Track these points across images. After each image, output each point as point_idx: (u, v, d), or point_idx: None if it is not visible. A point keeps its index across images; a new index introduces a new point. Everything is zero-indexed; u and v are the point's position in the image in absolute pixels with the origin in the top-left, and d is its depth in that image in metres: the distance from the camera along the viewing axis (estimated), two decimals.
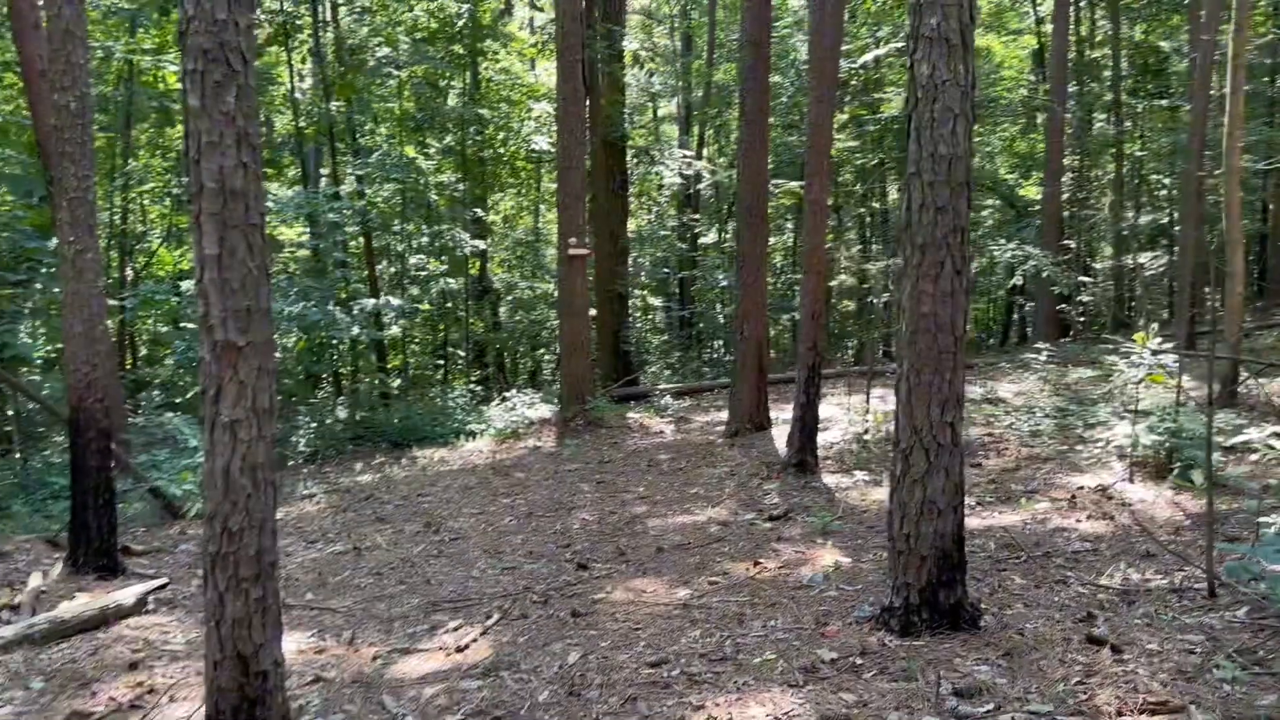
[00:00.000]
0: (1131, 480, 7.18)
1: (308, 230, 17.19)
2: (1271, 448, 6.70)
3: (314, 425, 13.56)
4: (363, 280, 17.45)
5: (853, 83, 23.73)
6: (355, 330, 12.42)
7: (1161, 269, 23.08)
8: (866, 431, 9.14)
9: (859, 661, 4.17)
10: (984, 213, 24.12)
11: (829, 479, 8.21)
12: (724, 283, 21.99)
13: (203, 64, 3.40)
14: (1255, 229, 20.83)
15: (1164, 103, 19.86)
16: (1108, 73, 23.45)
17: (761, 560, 5.97)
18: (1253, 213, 22.10)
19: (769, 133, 10.24)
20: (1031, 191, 24.42)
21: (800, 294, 8.19)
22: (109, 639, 5.46)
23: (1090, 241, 21.09)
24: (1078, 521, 6.32)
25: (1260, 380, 10.21)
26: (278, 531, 3.80)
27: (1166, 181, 20.96)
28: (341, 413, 14.23)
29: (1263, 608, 4.30)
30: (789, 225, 23.12)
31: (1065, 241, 18.33)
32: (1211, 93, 12.53)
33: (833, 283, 19.11)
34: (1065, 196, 19.00)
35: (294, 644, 5.22)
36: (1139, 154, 20.42)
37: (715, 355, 22.42)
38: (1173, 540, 5.72)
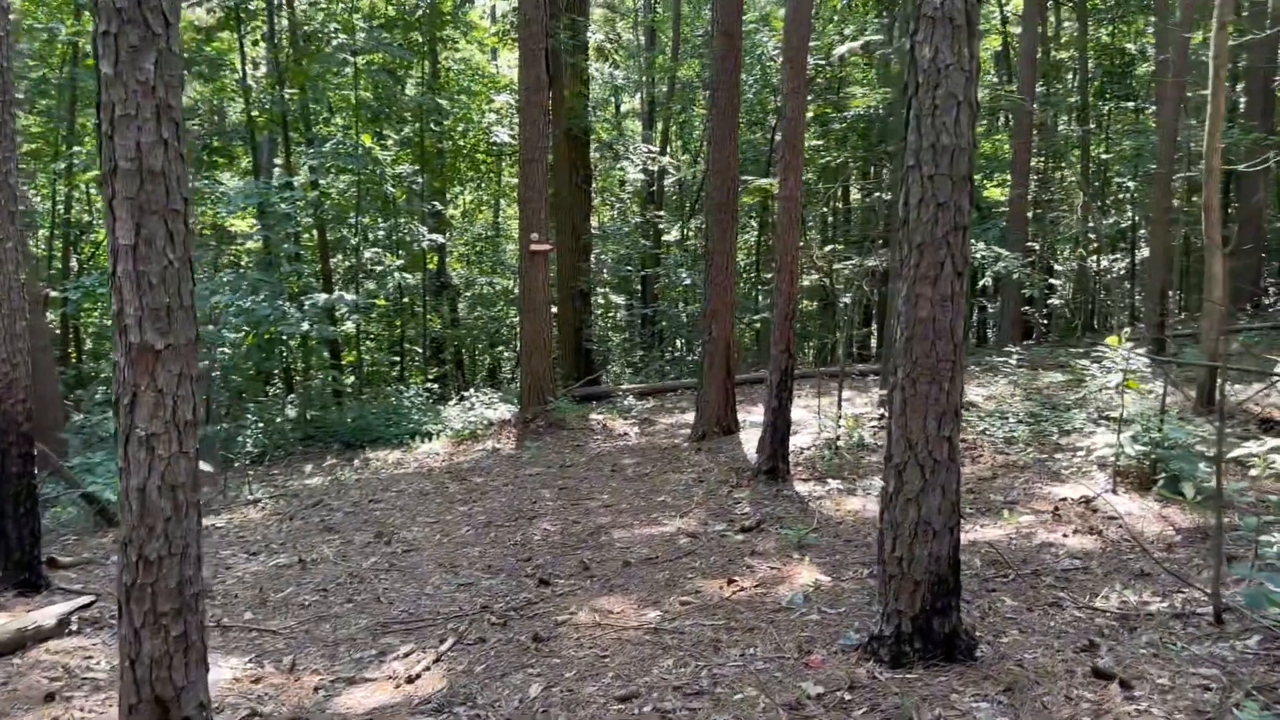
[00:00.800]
0: (1115, 491, 6.93)
1: (259, 222, 16.60)
2: (1272, 464, 6.47)
3: (261, 425, 13.00)
4: (316, 274, 16.88)
5: (818, 80, 23.53)
6: (305, 326, 11.88)
7: (1123, 272, 23.16)
8: (839, 437, 8.83)
9: (848, 697, 3.83)
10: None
11: (801, 487, 7.88)
12: (687, 280, 21.68)
13: (116, 25, 2.96)
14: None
15: (1130, 105, 19.86)
16: (1070, 75, 23.51)
17: (736, 577, 5.61)
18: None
19: (738, 126, 9.89)
20: (995, 193, 24.40)
21: (773, 294, 7.85)
22: (25, 665, 4.97)
23: (1054, 243, 21.04)
24: (1064, 536, 6.04)
25: (1236, 387, 10.07)
26: (215, 545, 3.37)
27: (1131, 185, 20.97)
28: (291, 411, 13.67)
29: (1276, 637, 4.03)
30: (754, 223, 22.85)
31: (1030, 244, 18.24)
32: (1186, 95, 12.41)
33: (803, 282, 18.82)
34: (1030, 198, 18.89)
35: (229, 670, 4.78)
36: (1104, 156, 20.40)
37: (678, 354, 22.10)
38: (1166, 558, 5.45)
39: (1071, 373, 11.97)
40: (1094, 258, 19.80)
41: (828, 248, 9.88)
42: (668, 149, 24.32)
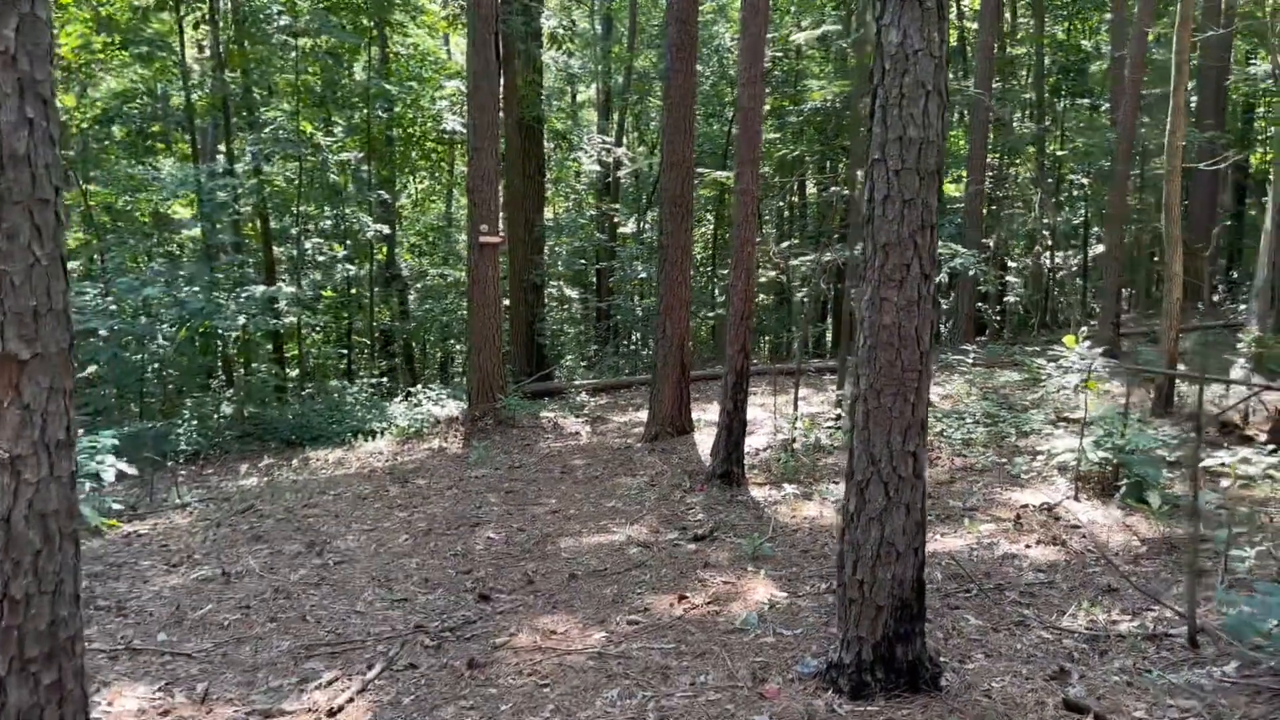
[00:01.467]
0: (1077, 497, 6.74)
1: (201, 210, 15.99)
2: (1248, 475, 6.30)
3: (197, 422, 12.46)
4: (257, 265, 16.30)
5: (775, 73, 23.29)
6: (242, 320, 11.36)
7: (1075, 269, 23.26)
8: (795, 439, 8.57)
9: None
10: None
11: (757, 492, 7.60)
12: (643, 274, 21.38)
13: None
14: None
15: (1085, 102, 19.88)
16: (1025, 71, 23.54)
17: (687, 593, 5.30)
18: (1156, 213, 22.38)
19: (695, 117, 9.57)
20: (951, 188, 24.37)
21: (729, 292, 7.55)
22: None
23: (1008, 240, 21.04)
24: (1027, 547, 5.82)
25: (1192, 388, 9.98)
26: (135, 554, 2.98)
27: (1085, 181, 21.03)
28: (228, 408, 13.13)
29: (1255, 663, 3.81)
30: (710, 217, 22.59)
31: (984, 240, 18.19)
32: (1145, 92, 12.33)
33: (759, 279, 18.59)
34: (986, 194, 18.83)
35: (134, 700, 4.38)
36: (1059, 153, 20.41)
37: (633, 348, 21.80)
38: (1133, 571, 5.25)
39: (1028, 371, 11.85)
40: (1048, 255, 19.82)
41: (784, 244, 9.60)
42: (624, 140, 23.97)
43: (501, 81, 13.61)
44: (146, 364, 12.63)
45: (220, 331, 11.37)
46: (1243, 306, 17.61)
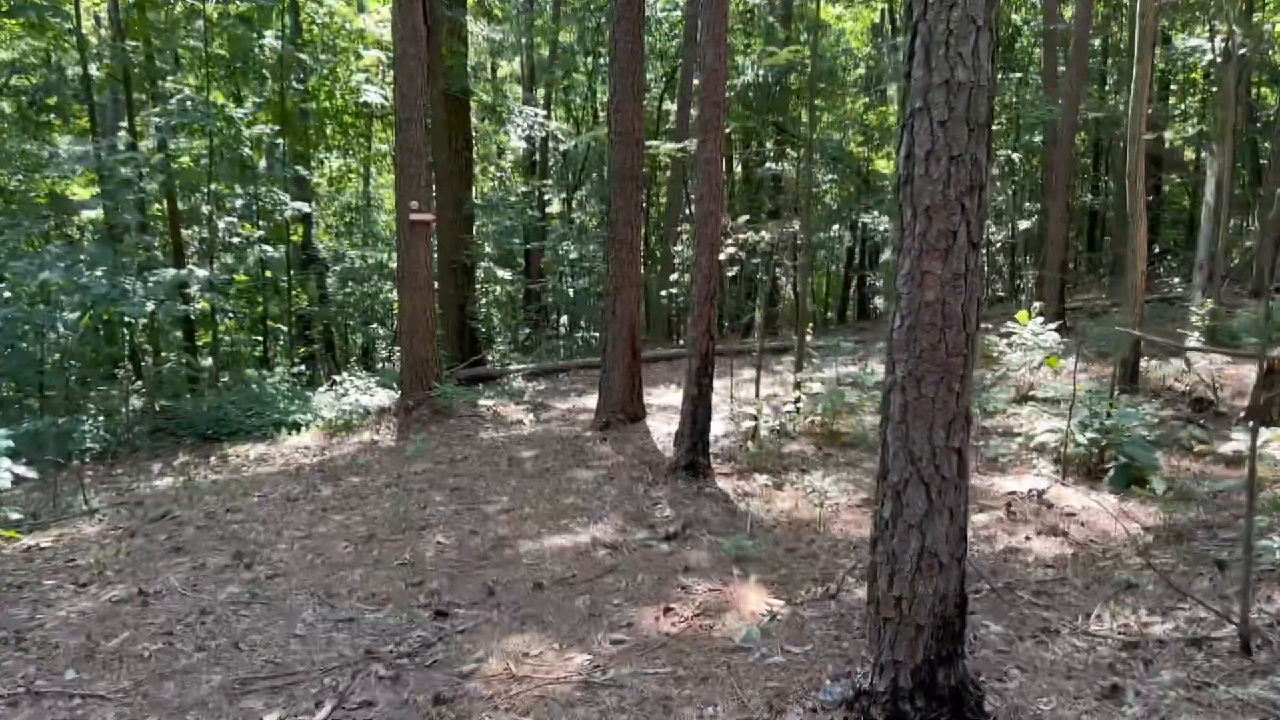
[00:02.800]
0: (1064, 482, 6.41)
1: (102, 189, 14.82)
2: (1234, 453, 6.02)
3: (104, 417, 11.48)
4: (165, 248, 15.21)
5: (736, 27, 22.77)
6: (150, 306, 10.42)
7: (1000, 245, 23.34)
8: (757, 423, 8.10)
9: None
10: (827, 182, 23.81)
11: (725, 483, 7.12)
12: (574, 254, 20.75)
13: None
14: (1089, 202, 21.25)
15: (1016, 76, 19.83)
16: None
17: (671, 604, 4.78)
18: (1088, 187, 22.62)
19: (644, 84, 8.99)
20: (881, 165, 24.26)
21: (692, 271, 7.02)
22: None
23: None
24: (1027, 539, 5.44)
25: (1155, 362, 9.82)
26: (38, 572, 2.32)
27: (1015, 157, 21.04)
28: (137, 401, 12.15)
29: None
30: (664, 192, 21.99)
31: None
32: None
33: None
34: None
35: None
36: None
37: (575, 330, 21.19)
38: (1143, 565, 4.90)
39: (980, 349, 11.61)
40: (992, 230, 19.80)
41: (742, 218, 9.11)
42: (551, 116, 23.20)
43: (427, 50, 12.81)
44: (46, 355, 11.60)
45: (126, 319, 10.41)
46: (1175, 280, 17.79)
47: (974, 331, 3.16)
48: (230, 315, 18.16)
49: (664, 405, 10.73)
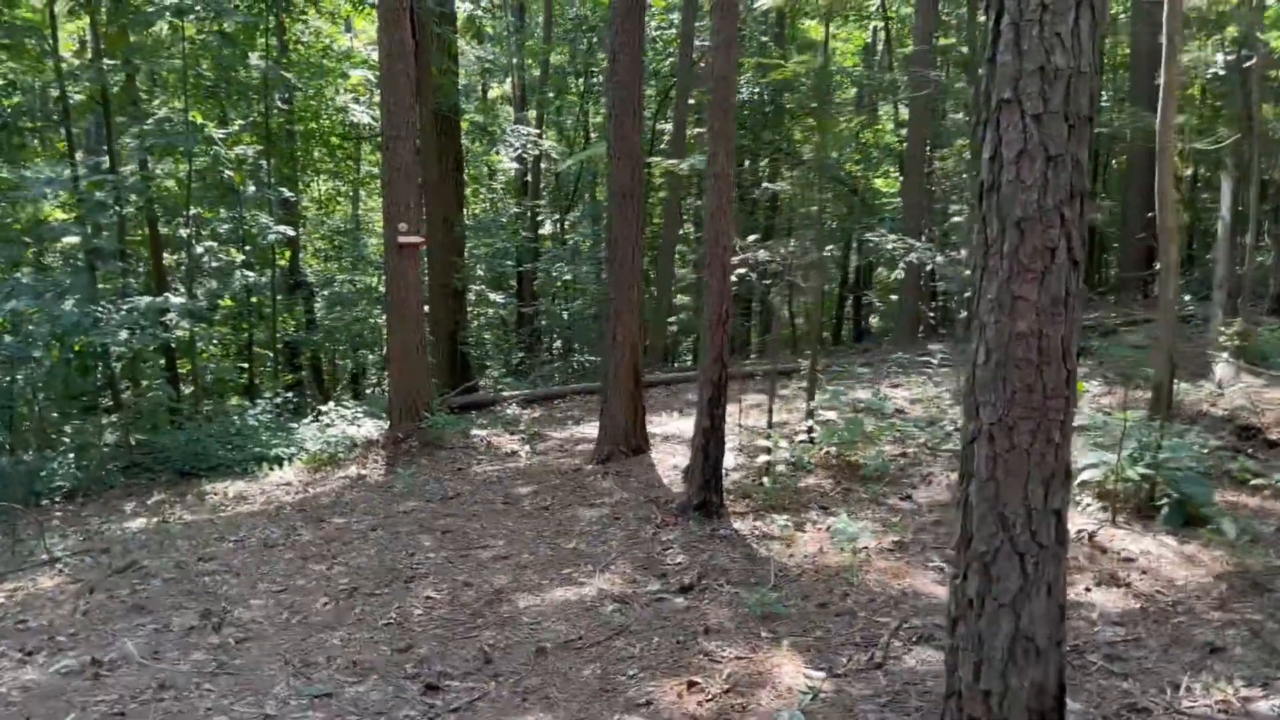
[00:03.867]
0: (1114, 521, 5.86)
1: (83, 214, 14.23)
2: None
3: (74, 454, 10.87)
4: (147, 275, 14.63)
5: (697, 67, 22.33)
6: (124, 334, 9.83)
7: None
8: (774, 458, 7.54)
9: None
10: (823, 201, 23.33)
11: (740, 524, 6.54)
12: (568, 276, 20.22)
13: None
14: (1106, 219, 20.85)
15: None
16: (950, 66, 23.11)
17: (695, 676, 4.20)
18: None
19: (643, 99, 8.49)
20: (884, 183, 23.87)
21: (703, 292, 6.48)
22: None
23: (944, 234, 20.53)
24: (1087, 590, 4.89)
25: (1185, 385, 9.29)
26: None
27: None
28: (111, 436, 11.54)
29: None
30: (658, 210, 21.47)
31: (921, 235, 17.59)
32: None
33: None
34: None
35: None
36: None
37: (570, 354, 20.62)
38: (1226, 622, 4.34)
39: None
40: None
41: (750, 237, 8.60)
42: (542, 138, 22.74)
43: (415, 67, 12.31)
44: (16, 389, 10.97)
45: (100, 349, 9.80)
46: (1187, 298, 17.31)
47: (1074, 368, 2.62)
48: (215, 341, 17.56)
49: (667, 435, 10.16)
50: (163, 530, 8.03)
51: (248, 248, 15.86)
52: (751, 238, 8.19)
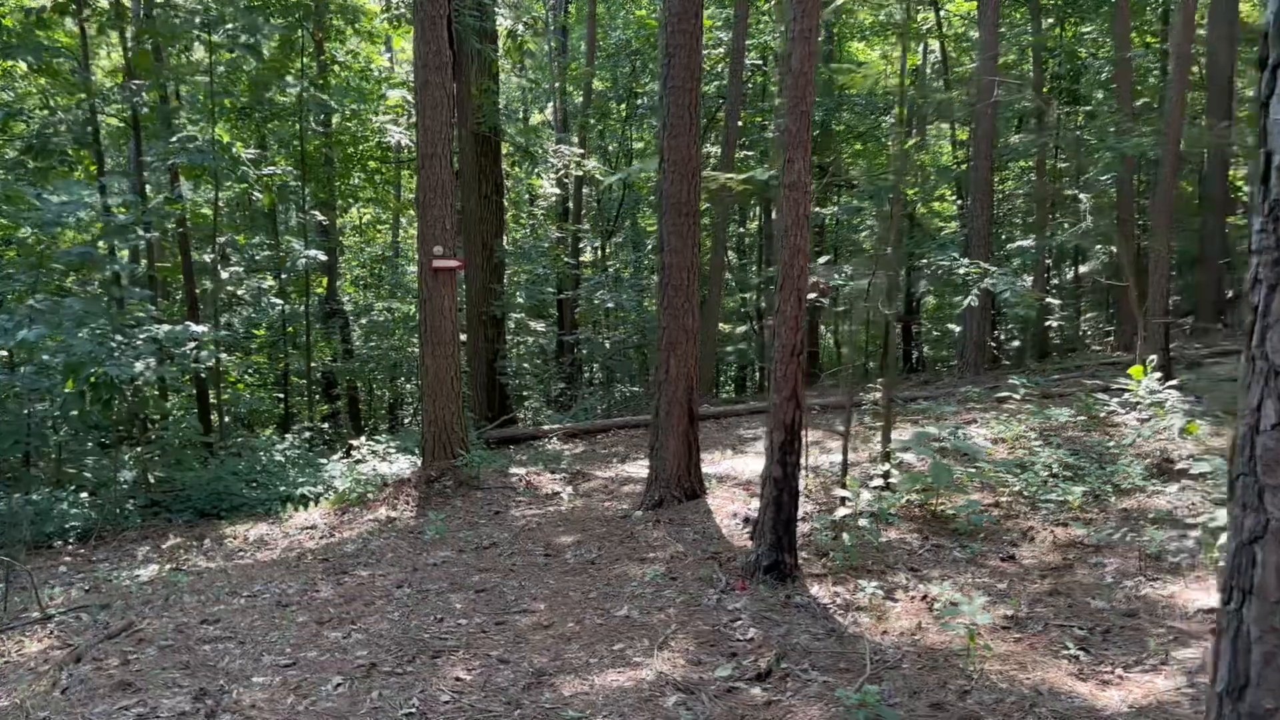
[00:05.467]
0: None
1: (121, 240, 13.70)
2: None
3: (86, 494, 10.21)
4: (179, 303, 14.07)
5: (748, 85, 21.61)
6: (139, 366, 9.17)
7: (1071, 286, 21.80)
8: (855, 508, 6.62)
9: None
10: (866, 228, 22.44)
11: (819, 590, 5.64)
12: (610, 304, 19.44)
13: None
14: (1181, 246, 19.71)
15: (1088, 108, 18.46)
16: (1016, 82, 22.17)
17: None
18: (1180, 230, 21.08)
19: (699, 104, 7.69)
20: (939, 205, 22.92)
21: (775, 319, 5.62)
22: None
23: (1007, 258, 19.53)
24: None
25: None
26: None
27: (1082, 198, 19.60)
28: (128, 474, 10.88)
29: None
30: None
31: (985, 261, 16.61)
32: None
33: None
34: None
35: None
36: (1061, 165, 18.98)
37: (612, 384, 19.83)
38: None
39: (1082, 407, 10.11)
40: (1050, 273, 18.31)
41: (822, 259, 7.75)
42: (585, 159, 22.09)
43: (454, 82, 11.67)
44: (32, 423, 10.36)
45: (116, 381, 9.15)
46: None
47: None
48: (250, 372, 16.99)
49: (721, 475, 9.29)
50: (171, 582, 7.28)
51: (283, 275, 15.29)
52: (822, 260, 7.33)
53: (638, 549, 7.00)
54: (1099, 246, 19.33)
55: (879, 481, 7.53)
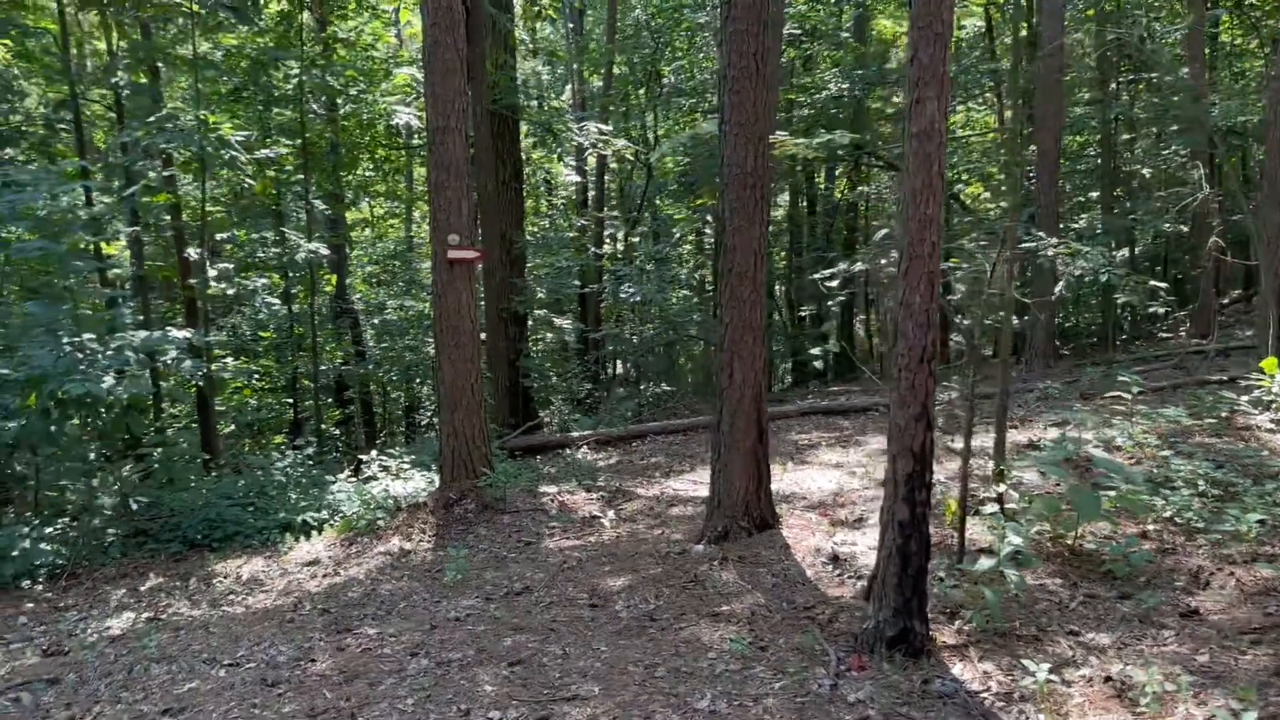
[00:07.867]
0: None
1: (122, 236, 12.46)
2: None
3: (62, 521, 8.97)
4: (176, 305, 12.83)
5: (781, 62, 20.19)
6: (109, 380, 7.89)
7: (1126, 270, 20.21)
8: (1000, 549, 5.25)
9: None
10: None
11: (963, 670, 4.28)
12: (637, 298, 18.04)
13: None
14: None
15: (1151, 77, 16.94)
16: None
17: None
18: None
19: (768, 51, 6.32)
20: (975, 188, 21.44)
21: (900, 309, 4.26)
22: None
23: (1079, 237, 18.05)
24: None
25: None
26: None
27: (1146, 172, 18.10)
28: (108, 499, 9.63)
29: None
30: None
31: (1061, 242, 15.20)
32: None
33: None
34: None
35: None
36: (1124, 137, 17.49)
37: (642, 384, 18.50)
38: None
39: (1202, 407, 8.71)
40: (1121, 253, 16.85)
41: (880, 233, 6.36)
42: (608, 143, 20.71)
43: (468, 51, 10.33)
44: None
45: (81, 398, 7.88)
46: None
47: None
48: (256, 376, 15.74)
49: (786, 495, 7.95)
50: (141, 644, 6.00)
51: (290, 274, 14.01)
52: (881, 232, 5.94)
53: (707, 599, 5.66)
54: (1167, 225, 17.82)
55: (992, 508, 6.16)
